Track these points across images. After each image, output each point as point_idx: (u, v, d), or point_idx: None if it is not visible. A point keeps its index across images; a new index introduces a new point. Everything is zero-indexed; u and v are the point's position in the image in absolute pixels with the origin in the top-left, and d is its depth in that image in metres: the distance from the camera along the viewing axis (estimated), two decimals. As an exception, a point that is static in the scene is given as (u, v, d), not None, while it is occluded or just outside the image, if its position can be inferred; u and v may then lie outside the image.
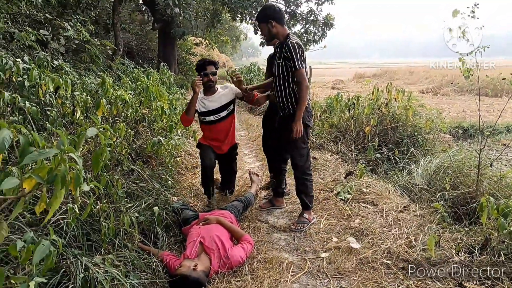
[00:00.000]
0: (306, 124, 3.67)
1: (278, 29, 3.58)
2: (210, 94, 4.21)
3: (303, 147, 3.73)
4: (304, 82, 3.50)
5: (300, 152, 3.75)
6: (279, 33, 3.60)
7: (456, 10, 3.92)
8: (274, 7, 3.65)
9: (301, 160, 3.77)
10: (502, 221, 3.04)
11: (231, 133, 4.36)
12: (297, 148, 3.74)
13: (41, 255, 1.68)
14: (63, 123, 3.74)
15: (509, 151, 7.86)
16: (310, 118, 3.78)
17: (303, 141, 3.71)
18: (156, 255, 2.98)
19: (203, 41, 20.14)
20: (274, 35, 3.62)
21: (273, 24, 3.56)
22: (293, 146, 3.73)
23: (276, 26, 3.57)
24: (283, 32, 3.60)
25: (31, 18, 6.37)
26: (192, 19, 13.40)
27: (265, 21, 3.59)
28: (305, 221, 3.83)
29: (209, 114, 4.18)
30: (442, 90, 18.88)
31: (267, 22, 3.57)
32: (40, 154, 1.35)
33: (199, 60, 4.27)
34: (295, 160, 3.80)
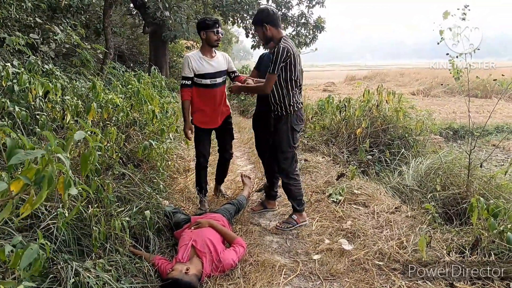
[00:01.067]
0: (294, 128, 3.67)
1: (273, 32, 3.58)
2: (210, 56, 4.05)
3: (288, 150, 3.71)
4: (267, 87, 3.54)
5: (284, 155, 3.73)
6: (274, 36, 3.59)
7: (447, 12, 3.94)
8: (268, 11, 3.63)
9: (285, 163, 3.75)
10: (492, 221, 3.06)
11: (224, 101, 4.24)
12: (282, 151, 3.72)
13: (29, 259, 1.66)
14: (53, 127, 3.71)
15: (498, 151, 7.94)
16: (299, 122, 3.73)
17: (288, 145, 3.69)
18: (148, 259, 2.96)
19: (194, 44, 20.11)
20: (269, 38, 3.61)
21: (267, 28, 3.55)
22: (278, 148, 3.73)
23: (271, 29, 3.57)
24: (277, 35, 3.59)
25: (21, 22, 6.32)
26: (183, 22, 13.37)
27: (259, 24, 3.59)
28: (291, 222, 3.86)
29: (206, 77, 4.00)
30: (432, 92, 19.03)
31: (262, 26, 3.57)
32: (27, 154, 1.34)
33: (208, 18, 4.05)
34: (279, 163, 3.80)
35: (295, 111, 3.63)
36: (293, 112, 3.63)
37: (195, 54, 4.03)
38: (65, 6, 7.92)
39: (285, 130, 3.65)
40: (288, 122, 3.65)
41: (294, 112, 3.63)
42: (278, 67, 3.44)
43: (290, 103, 3.60)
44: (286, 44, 3.46)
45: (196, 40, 19.32)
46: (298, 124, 3.71)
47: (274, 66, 3.43)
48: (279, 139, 3.70)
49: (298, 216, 3.88)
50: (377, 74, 27.93)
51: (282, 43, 3.45)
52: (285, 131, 3.65)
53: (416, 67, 28.78)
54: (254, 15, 3.72)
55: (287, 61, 3.45)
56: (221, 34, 3.99)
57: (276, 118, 3.70)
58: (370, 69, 32.02)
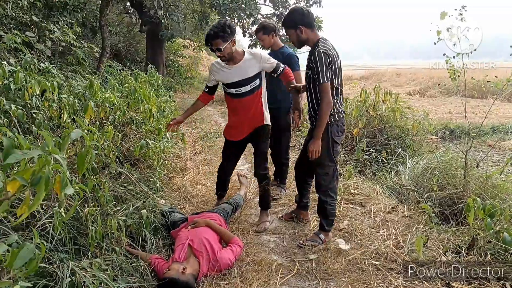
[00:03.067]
0: (334, 140, 3.34)
1: (308, 35, 3.24)
2: (232, 63, 3.57)
3: (328, 165, 3.38)
4: (326, 97, 3.14)
5: (324, 171, 3.41)
6: (309, 39, 3.25)
7: (444, 12, 3.94)
8: (302, 11, 3.27)
9: (325, 179, 3.43)
10: (489, 221, 3.07)
11: (255, 112, 3.70)
12: (321, 165, 3.40)
13: (24, 259, 1.65)
14: (50, 126, 3.69)
15: (494, 152, 7.97)
16: (340, 133, 3.39)
17: (329, 158, 3.36)
18: (144, 259, 2.95)
19: (191, 43, 20.08)
20: (303, 41, 3.27)
21: (302, 30, 3.21)
22: (318, 162, 3.38)
23: (306, 31, 3.22)
24: (313, 37, 3.25)
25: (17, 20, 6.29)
26: (180, 21, 13.35)
27: (293, 27, 3.24)
28: (317, 240, 3.49)
29: (229, 86, 3.67)
30: (428, 92, 19.08)
31: (296, 28, 3.22)
32: (24, 154, 1.34)
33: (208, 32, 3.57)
34: (318, 178, 3.48)
35: (336, 121, 3.32)
36: (334, 122, 3.30)
37: (218, 62, 3.68)
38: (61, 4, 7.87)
39: (325, 142, 3.30)
40: (329, 133, 3.30)
41: (335, 122, 3.31)
42: (326, 74, 3.10)
43: (331, 112, 3.25)
44: (325, 47, 3.14)
45: (194, 40, 19.30)
46: (339, 136, 3.40)
47: (322, 74, 3.09)
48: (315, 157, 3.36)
49: (325, 235, 3.52)
50: (374, 74, 27.97)
51: (321, 47, 3.13)
52: (324, 143, 3.30)
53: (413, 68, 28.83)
54: (286, 16, 3.38)
55: (330, 66, 3.14)
56: (217, 51, 3.41)
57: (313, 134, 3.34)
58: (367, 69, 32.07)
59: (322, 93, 3.15)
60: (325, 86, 3.12)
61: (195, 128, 8.72)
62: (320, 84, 3.13)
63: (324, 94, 3.14)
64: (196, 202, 4.43)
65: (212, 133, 7.96)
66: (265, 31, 4.39)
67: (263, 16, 16.65)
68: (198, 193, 4.68)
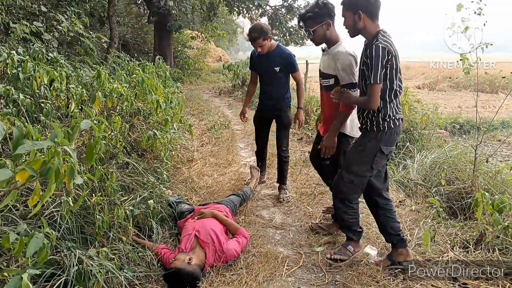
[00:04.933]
0: (381, 149, 2.81)
1: (367, 24, 2.72)
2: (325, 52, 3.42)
3: (359, 175, 2.88)
4: (372, 103, 2.67)
5: (351, 177, 2.90)
6: (367, 30, 2.75)
7: (460, 4, 3.84)
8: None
9: (349, 187, 2.94)
10: (497, 217, 3.05)
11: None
12: (349, 170, 2.91)
13: (35, 247, 1.66)
14: (58, 115, 3.70)
15: (504, 147, 7.89)
16: (391, 144, 2.85)
17: (366, 169, 2.84)
18: (151, 249, 2.97)
19: (199, 34, 20.04)
20: (359, 30, 2.77)
21: (361, 17, 2.70)
22: (347, 165, 2.96)
23: (365, 20, 2.71)
24: (373, 29, 2.73)
25: (25, 9, 6.29)
26: (188, 12, 13.32)
27: (352, 9, 2.73)
28: (346, 253, 3.07)
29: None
30: (438, 86, 18.93)
31: (355, 12, 2.71)
32: (33, 145, 1.34)
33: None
34: (338, 181, 3.01)
35: (390, 128, 2.78)
36: (387, 129, 2.77)
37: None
38: (70, -6, 7.86)
39: (369, 149, 2.82)
40: (377, 141, 2.79)
41: (389, 129, 2.77)
42: (380, 75, 2.61)
43: (385, 117, 2.75)
44: (386, 42, 2.64)
45: (201, 31, 19.25)
46: (388, 147, 2.84)
47: (374, 73, 2.60)
48: (354, 156, 2.93)
49: (354, 246, 3.11)
50: (383, 67, 27.75)
51: (381, 41, 2.63)
52: (368, 150, 2.82)
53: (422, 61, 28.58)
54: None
55: (388, 65, 2.64)
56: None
57: (363, 132, 2.91)
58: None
59: (371, 95, 2.65)
60: (375, 88, 2.64)
61: (203, 119, 8.71)
62: (370, 84, 2.64)
63: (373, 97, 2.65)
64: (203, 193, 4.44)
65: (219, 124, 7.95)
66: (265, 36, 4.04)
67: (272, 8, 16.53)
68: (205, 184, 4.69)
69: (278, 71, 4.21)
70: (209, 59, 25.78)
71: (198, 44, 22.36)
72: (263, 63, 4.29)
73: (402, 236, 3.01)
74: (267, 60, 4.23)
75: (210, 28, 18.57)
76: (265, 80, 4.42)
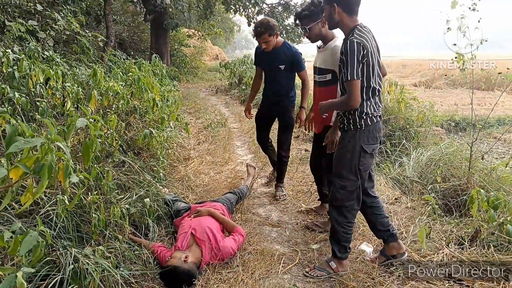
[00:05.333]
0: (363, 148, 2.72)
1: (343, 18, 2.67)
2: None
3: (349, 178, 2.76)
4: (351, 99, 2.57)
5: (342, 183, 2.79)
6: (343, 24, 2.69)
7: (455, 1, 3.84)
8: None
9: (342, 193, 2.80)
10: (492, 213, 3.07)
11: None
12: (340, 175, 2.81)
13: (28, 246, 1.66)
14: (53, 114, 3.70)
15: (499, 144, 7.92)
16: (372, 141, 2.76)
17: (350, 169, 2.76)
18: (147, 247, 2.97)
19: (196, 32, 20.03)
20: (335, 23, 2.72)
21: (335, 9, 2.65)
22: (336, 171, 2.85)
23: (340, 13, 2.66)
24: (349, 23, 2.68)
25: (21, 8, 6.27)
26: (185, 10, 13.30)
27: (329, 2, 2.69)
28: (327, 270, 2.91)
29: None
30: (434, 84, 18.95)
31: (331, 5, 2.67)
32: (26, 142, 1.34)
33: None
34: (333, 189, 2.87)
35: (367, 125, 2.71)
36: (365, 127, 2.70)
37: None
38: (66, -8, 7.84)
39: (350, 149, 2.73)
40: (356, 139, 2.72)
41: (366, 127, 2.70)
42: (357, 71, 2.53)
43: (361, 115, 2.69)
44: (361, 37, 2.57)
45: (198, 29, 19.23)
46: (370, 144, 2.75)
47: (351, 69, 2.52)
48: (338, 159, 2.82)
49: (337, 264, 2.91)
50: (379, 65, 27.79)
51: (356, 36, 2.57)
52: (349, 151, 2.74)
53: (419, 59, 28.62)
54: None
55: (364, 61, 2.57)
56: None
57: (342, 132, 2.85)
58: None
59: (350, 92, 2.56)
60: (354, 84, 2.54)
61: (199, 118, 8.71)
62: (348, 81, 2.55)
63: (352, 93, 2.56)
64: (199, 191, 4.44)
65: (216, 123, 7.95)
66: (271, 31, 3.96)
67: (268, 6, 16.53)
68: (201, 183, 4.69)
69: (282, 69, 4.12)
70: (206, 57, 25.75)
71: (195, 42, 22.33)
72: (267, 59, 4.20)
73: (392, 230, 3.01)
74: (272, 57, 4.14)
75: (206, 26, 18.56)
76: (269, 77, 4.35)
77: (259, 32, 3.97)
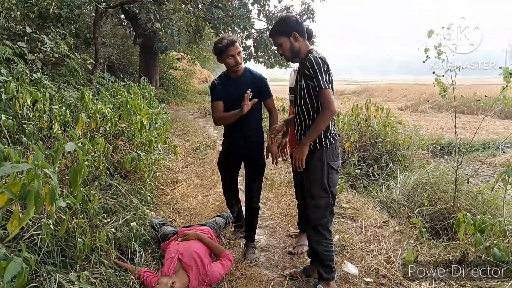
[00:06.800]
0: (330, 165, 2.84)
1: (301, 45, 2.86)
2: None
3: (321, 195, 2.83)
4: (331, 105, 2.70)
5: (315, 202, 2.85)
6: (301, 50, 2.87)
7: (431, 30, 4.01)
8: (296, 18, 2.91)
9: (315, 212, 2.87)
10: (479, 237, 3.09)
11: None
12: (312, 195, 2.87)
13: (12, 272, 1.63)
14: (40, 137, 3.67)
15: (485, 167, 8.02)
16: (336, 157, 2.88)
17: (321, 187, 2.82)
18: (133, 272, 2.92)
19: (185, 56, 20.17)
20: (297, 51, 2.87)
21: (297, 37, 2.82)
22: (308, 191, 2.91)
23: (300, 40, 2.84)
24: (306, 48, 2.88)
25: (9, 30, 6.28)
26: (174, 34, 13.41)
27: (287, 34, 2.83)
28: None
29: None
30: (420, 108, 19.25)
31: (290, 35, 2.82)
32: (13, 167, 1.32)
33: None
34: (308, 211, 2.94)
35: (332, 143, 2.84)
36: (329, 145, 2.82)
37: None
38: (55, 16, 7.89)
39: (319, 168, 2.81)
40: (324, 158, 2.81)
41: (331, 145, 2.83)
42: (326, 80, 2.69)
43: (327, 134, 2.82)
44: (320, 54, 2.80)
45: (187, 52, 19.39)
46: (335, 161, 2.87)
47: (321, 79, 2.67)
48: (309, 180, 2.88)
49: (324, 286, 2.93)
50: (366, 89, 28.21)
51: (316, 54, 2.78)
52: (318, 170, 2.81)
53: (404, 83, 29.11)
54: (276, 24, 2.93)
55: (328, 74, 2.74)
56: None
57: (309, 153, 2.83)
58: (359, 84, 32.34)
59: (324, 101, 2.70)
60: (327, 92, 2.68)
61: (188, 140, 8.70)
62: (322, 89, 2.68)
63: (328, 101, 2.69)
64: (187, 215, 4.40)
65: (204, 145, 7.94)
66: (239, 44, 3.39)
67: (257, 31, 16.77)
68: (189, 206, 4.66)
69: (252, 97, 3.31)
70: (195, 80, 25.90)
71: (184, 65, 22.49)
72: (231, 90, 3.38)
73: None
74: (237, 86, 3.36)
75: (196, 50, 18.71)
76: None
77: (228, 43, 3.25)
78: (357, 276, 3.15)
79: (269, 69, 17.74)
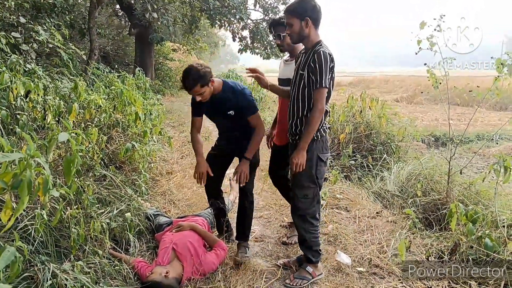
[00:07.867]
0: (319, 157, 2.88)
1: (311, 32, 2.79)
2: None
3: (310, 186, 2.89)
4: (320, 104, 2.72)
5: (304, 192, 2.91)
6: (311, 37, 2.81)
7: (423, 22, 4.01)
8: (315, 4, 2.80)
9: (304, 202, 2.93)
10: (471, 227, 3.12)
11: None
12: (301, 186, 2.91)
13: (6, 261, 1.64)
14: (34, 127, 3.66)
15: (479, 158, 8.07)
16: (325, 150, 2.93)
17: (310, 179, 2.87)
18: (128, 262, 2.94)
19: (181, 47, 20.08)
20: (303, 37, 2.81)
21: (308, 24, 2.76)
22: (297, 182, 2.92)
23: (311, 27, 2.78)
24: (315, 37, 2.82)
25: (3, 21, 6.22)
26: (170, 24, 13.34)
27: (300, 16, 2.76)
28: (306, 277, 3.00)
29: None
30: (415, 99, 19.30)
31: (303, 19, 2.75)
32: (4, 157, 1.33)
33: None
34: (295, 201, 2.98)
35: (322, 136, 2.89)
36: (320, 137, 2.86)
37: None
38: (50, 6, 7.82)
39: (309, 159, 2.82)
40: (313, 150, 2.84)
41: (321, 137, 2.88)
42: (326, 78, 2.70)
43: (319, 127, 2.83)
44: (328, 49, 2.76)
45: (183, 43, 19.30)
46: (324, 153, 2.92)
47: (321, 77, 2.67)
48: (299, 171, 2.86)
49: (313, 268, 3.04)
50: (362, 80, 28.25)
51: (326, 48, 2.75)
52: (308, 161, 2.81)
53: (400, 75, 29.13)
54: (295, 4, 2.84)
55: (331, 72, 2.75)
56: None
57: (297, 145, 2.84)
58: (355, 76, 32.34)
59: (317, 99, 2.73)
60: (323, 91, 2.71)
61: (183, 131, 8.69)
62: (321, 87, 2.69)
63: (320, 99, 2.72)
64: (182, 205, 4.42)
65: (199, 137, 7.93)
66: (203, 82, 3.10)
67: (253, 21, 16.70)
68: (183, 197, 4.67)
69: (233, 114, 3.23)
70: (191, 72, 25.77)
71: (180, 56, 22.39)
72: (210, 109, 3.35)
73: None
74: (215, 106, 3.28)
75: (191, 41, 18.64)
76: (220, 125, 3.61)
77: (187, 87, 3.07)
78: (350, 265, 3.19)
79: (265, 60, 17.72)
